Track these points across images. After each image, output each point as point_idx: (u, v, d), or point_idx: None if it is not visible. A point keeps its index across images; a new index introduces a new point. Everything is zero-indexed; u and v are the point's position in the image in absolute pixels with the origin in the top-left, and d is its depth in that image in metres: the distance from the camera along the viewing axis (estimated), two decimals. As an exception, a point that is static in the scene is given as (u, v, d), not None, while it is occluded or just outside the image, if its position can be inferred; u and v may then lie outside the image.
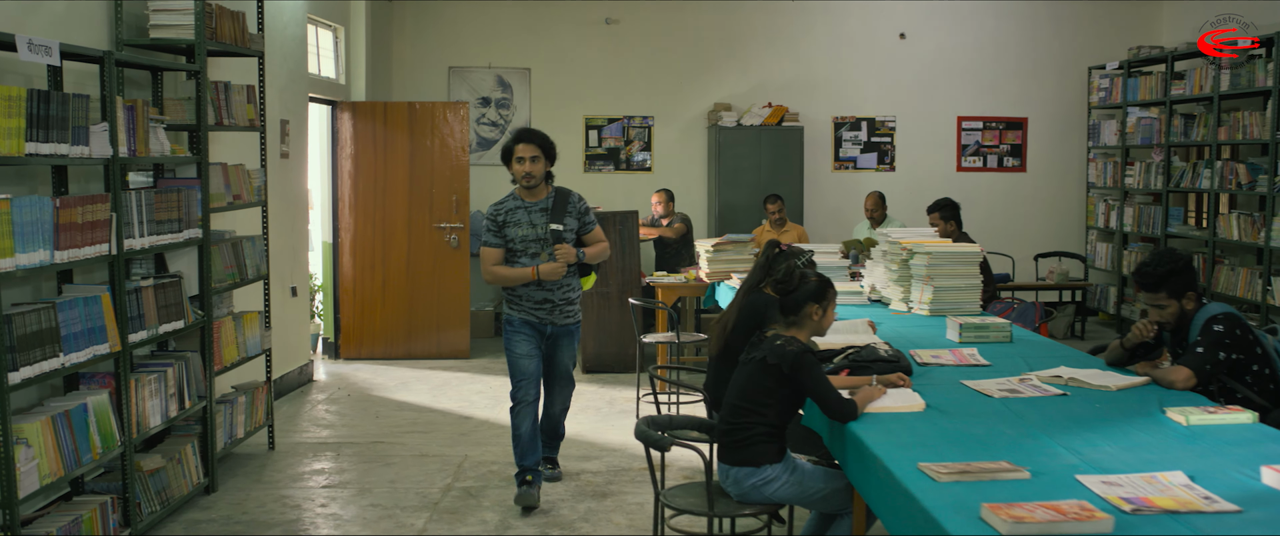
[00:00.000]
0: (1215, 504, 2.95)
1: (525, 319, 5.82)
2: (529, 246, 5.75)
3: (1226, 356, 4.54)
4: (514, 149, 5.76)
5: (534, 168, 5.73)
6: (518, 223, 5.76)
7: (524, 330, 5.82)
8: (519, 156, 5.73)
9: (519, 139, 5.78)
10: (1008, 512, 2.79)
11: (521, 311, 5.82)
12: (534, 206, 5.79)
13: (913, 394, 4.18)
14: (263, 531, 5.47)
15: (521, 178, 5.73)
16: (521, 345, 5.82)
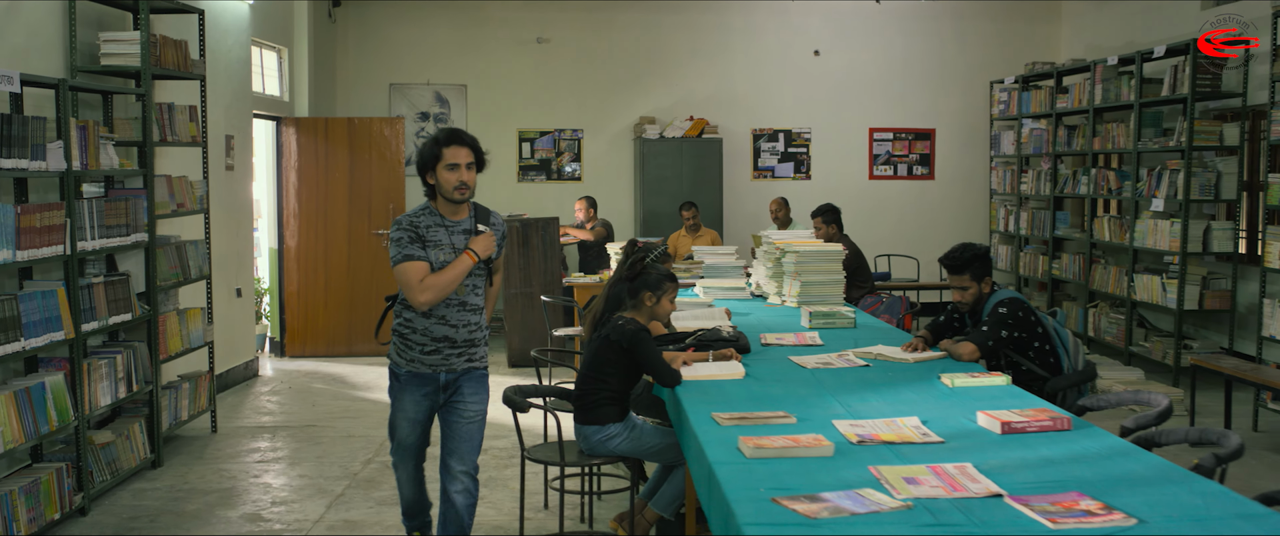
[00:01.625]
0: (928, 437, 3.80)
1: (413, 371, 4.70)
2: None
3: (1009, 334, 5.41)
4: (442, 153, 4.55)
5: (469, 176, 4.58)
6: (437, 243, 4.59)
7: (411, 387, 4.72)
8: (450, 163, 4.54)
9: (449, 140, 4.58)
10: (755, 442, 3.63)
11: (409, 359, 4.69)
12: (455, 226, 4.65)
13: (736, 364, 5.01)
14: (201, 497, 6.24)
15: (454, 189, 4.55)
16: (406, 407, 4.77)
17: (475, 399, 4.76)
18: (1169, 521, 2.90)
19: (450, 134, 4.64)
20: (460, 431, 4.73)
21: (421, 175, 4.67)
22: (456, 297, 4.66)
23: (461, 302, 4.67)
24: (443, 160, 4.57)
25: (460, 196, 4.58)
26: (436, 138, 4.63)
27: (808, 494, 3.11)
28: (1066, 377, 5.39)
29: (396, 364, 4.76)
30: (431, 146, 4.62)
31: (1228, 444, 3.94)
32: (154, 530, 5.68)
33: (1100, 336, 10.60)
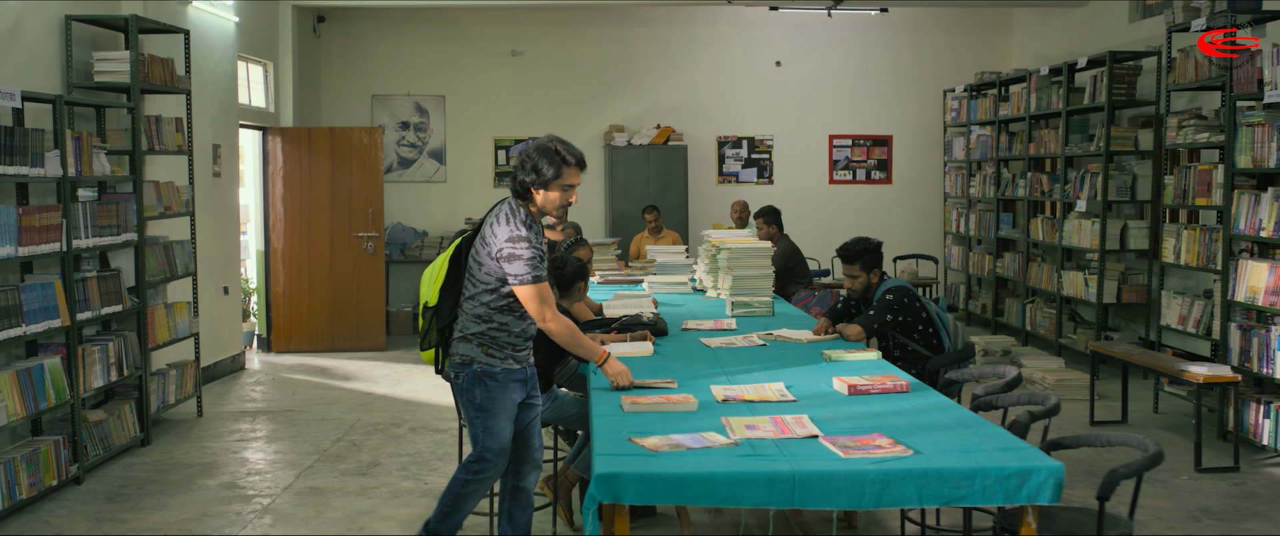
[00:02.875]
0: (784, 397, 4.50)
1: (508, 368, 4.58)
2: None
3: (893, 318, 6.12)
4: (563, 172, 4.39)
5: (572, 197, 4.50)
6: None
7: (507, 382, 4.57)
8: (569, 183, 4.44)
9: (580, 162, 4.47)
10: (632, 401, 4.34)
11: (503, 357, 4.56)
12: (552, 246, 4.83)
13: (647, 344, 5.72)
14: (184, 469, 6.96)
15: (556, 209, 4.48)
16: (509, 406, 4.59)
17: (536, 395, 4.76)
18: (941, 453, 3.61)
19: (580, 156, 4.44)
20: (534, 427, 4.77)
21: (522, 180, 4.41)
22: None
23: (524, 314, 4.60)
24: (562, 179, 4.38)
25: (558, 214, 4.49)
26: (563, 155, 4.38)
27: (659, 434, 3.82)
28: (946, 356, 6.10)
29: (488, 365, 4.50)
30: (557, 162, 4.35)
31: (1046, 403, 4.65)
32: (141, 496, 6.39)
33: (1036, 330, 11.30)
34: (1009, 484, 3.43)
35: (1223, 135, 7.72)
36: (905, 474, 3.44)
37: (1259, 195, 7.17)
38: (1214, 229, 7.83)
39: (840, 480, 3.42)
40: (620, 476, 3.42)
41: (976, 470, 3.44)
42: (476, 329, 4.51)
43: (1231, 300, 7.43)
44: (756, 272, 7.90)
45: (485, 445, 4.55)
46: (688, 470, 3.46)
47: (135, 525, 5.87)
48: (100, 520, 5.95)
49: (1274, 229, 7.00)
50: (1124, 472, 3.74)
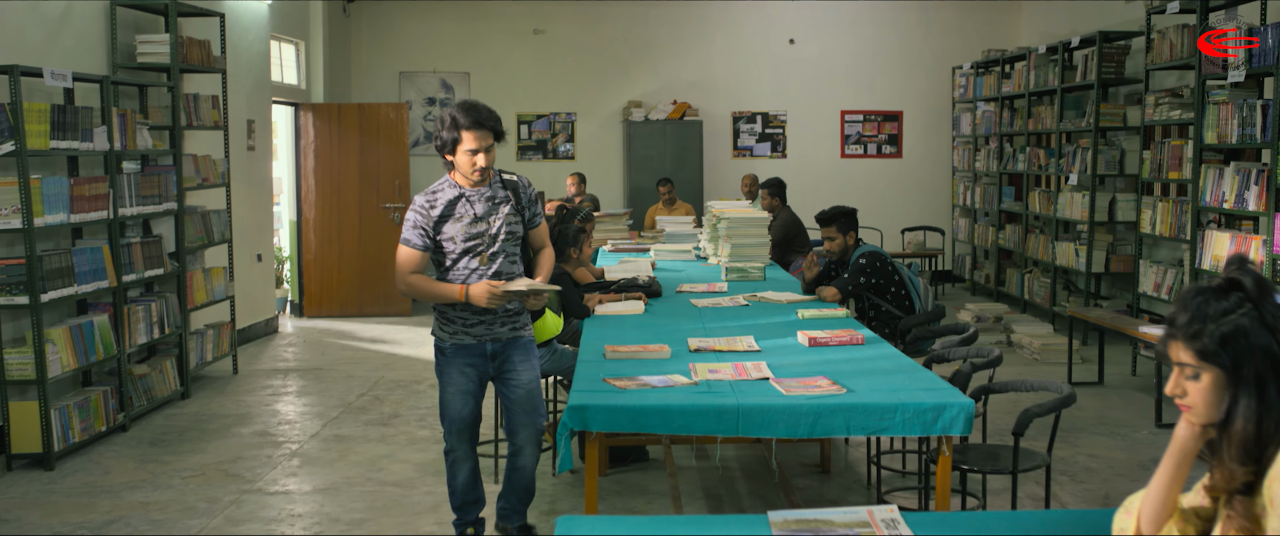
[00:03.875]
0: (750, 348, 5.04)
1: (457, 343, 4.64)
2: (473, 243, 4.56)
3: (867, 280, 6.65)
4: (460, 137, 4.41)
5: (489, 159, 4.49)
6: (458, 216, 4.53)
7: (458, 359, 4.64)
8: (471, 148, 4.42)
9: (470, 123, 4.40)
10: (613, 348, 4.90)
11: (451, 333, 4.64)
12: (477, 196, 4.56)
13: (638, 303, 6.28)
14: (221, 420, 7.59)
15: (473, 172, 4.47)
16: (454, 380, 4.66)
17: (525, 367, 4.72)
18: (871, 392, 4.14)
19: (470, 116, 4.39)
20: (519, 402, 4.72)
21: (441, 154, 4.54)
22: (492, 269, 4.60)
23: (497, 273, 4.59)
24: (462, 143, 4.42)
25: (478, 179, 4.51)
26: (455, 119, 4.40)
27: (629, 376, 4.38)
28: (917, 316, 6.62)
29: (440, 339, 4.67)
30: (450, 129, 4.41)
31: (989, 355, 5.18)
32: (181, 441, 7.02)
33: (1032, 298, 11.77)
34: (926, 417, 3.96)
35: (1192, 113, 8.16)
36: (836, 408, 3.98)
37: (1223, 169, 7.63)
38: (1184, 201, 8.28)
39: (778, 412, 3.97)
40: (589, 407, 3.98)
41: (898, 405, 3.98)
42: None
43: (1198, 268, 7.90)
44: (753, 241, 8.41)
45: (441, 417, 4.80)
46: (648, 403, 4.02)
47: (176, 466, 6.48)
48: (145, 461, 6.57)
49: (1235, 201, 7.46)
50: (1037, 411, 4.27)
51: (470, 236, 4.56)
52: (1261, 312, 2.26)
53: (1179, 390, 2.35)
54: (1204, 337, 2.27)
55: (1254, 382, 2.24)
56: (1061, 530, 2.74)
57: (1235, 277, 2.30)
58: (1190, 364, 2.31)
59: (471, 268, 4.59)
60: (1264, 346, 2.24)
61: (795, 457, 6.46)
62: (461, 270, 4.60)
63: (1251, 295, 2.28)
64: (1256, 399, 2.24)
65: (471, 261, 4.60)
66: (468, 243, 4.57)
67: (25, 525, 5.47)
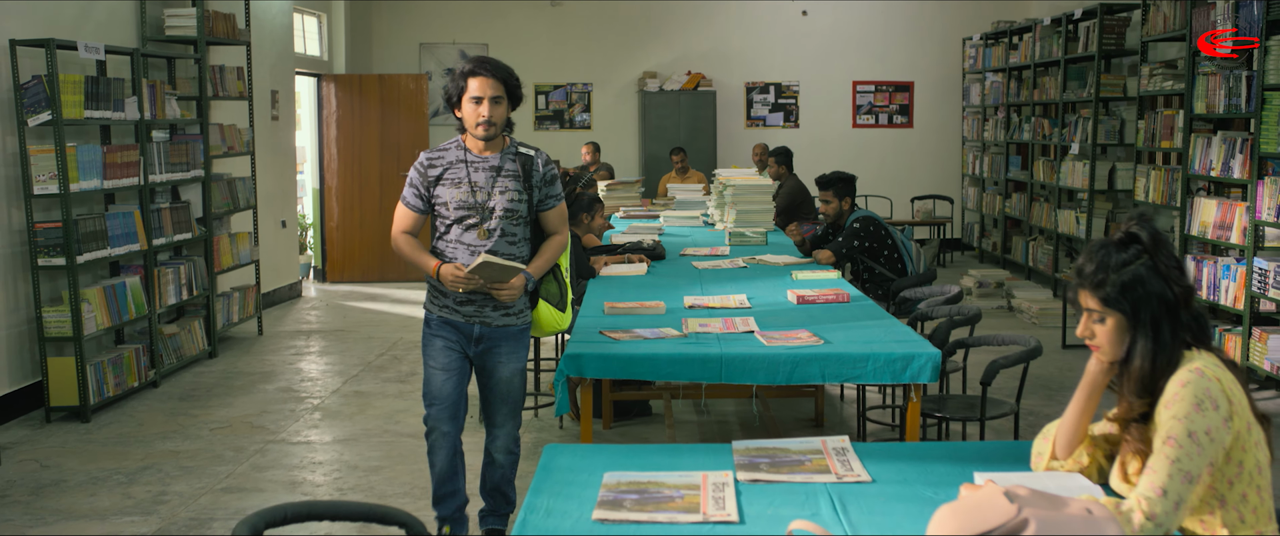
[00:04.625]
0: (742, 305, 5.36)
1: (444, 317, 4.36)
2: (465, 214, 4.24)
3: (860, 244, 6.96)
4: (466, 84, 4.16)
5: (495, 112, 4.16)
6: (455, 181, 4.23)
7: (442, 333, 4.36)
8: (475, 95, 4.14)
9: (475, 70, 4.16)
10: (611, 304, 5.24)
11: (439, 307, 4.37)
12: (481, 163, 4.24)
13: (641, 265, 6.60)
14: (246, 377, 7.96)
15: (476, 126, 4.17)
16: (436, 354, 4.37)
17: (512, 358, 4.38)
18: (847, 343, 4.46)
19: (478, 63, 4.17)
20: (499, 392, 4.42)
21: (450, 109, 4.28)
22: (487, 247, 4.24)
23: (493, 252, 4.22)
24: (467, 92, 4.16)
25: (485, 134, 4.17)
26: (463, 67, 4.19)
27: (624, 329, 4.71)
28: (909, 278, 6.92)
29: (429, 310, 4.41)
30: (458, 77, 4.18)
31: (967, 312, 5.49)
32: (210, 396, 7.40)
33: (1036, 266, 12.04)
34: (895, 366, 4.28)
35: (1183, 84, 8.41)
36: (812, 357, 4.31)
37: (1211, 138, 7.88)
38: (1175, 169, 8.55)
39: (759, 361, 4.30)
40: (583, 355, 4.32)
41: (869, 355, 4.30)
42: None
43: (1187, 234, 8.17)
44: (758, 207, 8.73)
45: (424, 394, 4.48)
46: (638, 352, 4.35)
47: (205, 418, 6.86)
48: (175, 414, 6.95)
49: (1222, 169, 7.72)
50: (1003, 363, 4.58)
51: (463, 205, 4.22)
52: (1156, 263, 2.57)
53: (1088, 332, 2.67)
54: (1107, 286, 2.59)
55: (1150, 325, 2.56)
56: (990, 457, 3.05)
57: (1134, 232, 2.61)
58: (1096, 309, 2.62)
59: (464, 241, 4.26)
60: (1158, 293, 2.56)
61: (792, 413, 6.79)
62: (453, 242, 4.28)
63: (1148, 248, 2.59)
64: (1152, 340, 2.56)
65: (465, 233, 4.25)
66: (459, 212, 4.22)
67: (65, 470, 5.85)
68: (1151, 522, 2.37)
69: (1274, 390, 7.40)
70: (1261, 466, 2.53)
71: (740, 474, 2.87)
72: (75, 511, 5.26)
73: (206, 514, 5.21)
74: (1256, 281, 7.24)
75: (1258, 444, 2.53)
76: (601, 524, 2.56)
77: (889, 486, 2.79)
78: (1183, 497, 2.40)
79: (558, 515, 2.61)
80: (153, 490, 5.54)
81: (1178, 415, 2.45)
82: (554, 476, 2.88)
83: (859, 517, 2.59)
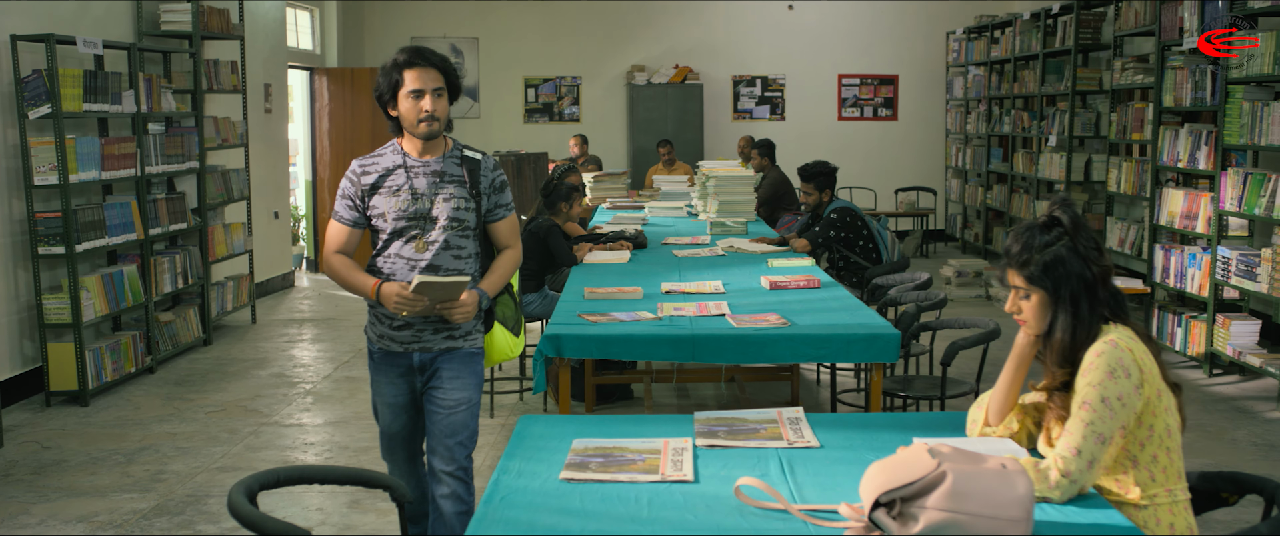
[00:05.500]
0: (717, 290, 5.59)
1: (384, 348, 3.86)
2: (406, 225, 3.74)
3: (836, 234, 7.19)
4: (402, 77, 3.65)
5: (438, 105, 3.66)
6: (393, 188, 3.72)
7: (384, 366, 3.88)
8: (413, 89, 3.64)
9: (411, 60, 3.65)
10: (591, 290, 5.46)
11: (378, 334, 3.87)
12: (421, 167, 3.75)
13: (624, 252, 6.83)
14: (240, 363, 8.18)
15: (418, 123, 3.65)
16: (381, 389, 3.93)
17: (457, 385, 3.81)
18: (812, 324, 4.69)
19: (413, 53, 3.66)
20: (440, 424, 3.81)
21: (383, 107, 3.75)
22: (427, 260, 3.74)
23: (432, 267, 3.74)
24: (403, 86, 3.64)
25: (427, 131, 3.65)
26: (395, 60, 3.67)
27: (602, 312, 4.94)
28: (883, 266, 7.15)
29: (370, 340, 3.93)
30: (391, 70, 3.66)
31: (934, 298, 5.72)
32: (204, 382, 7.62)
33: (1015, 255, 12.25)
34: (858, 346, 4.52)
35: (1152, 77, 8.64)
36: (779, 338, 4.54)
37: (1178, 130, 8.12)
38: (1145, 161, 8.78)
39: (729, 341, 4.53)
40: (562, 336, 4.54)
41: (833, 335, 4.53)
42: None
43: (1156, 224, 8.41)
44: (739, 197, 8.92)
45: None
46: (614, 333, 4.58)
47: (200, 402, 7.08)
48: (171, 399, 7.17)
49: (1188, 160, 7.96)
50: (962, 344, 4.81)
51: (403, 215, 3.71)
52: (1076, 245, 2.81)
53: (1015, 308, 2.90)
54: (1031, 265, 2.82)
55: (1069, 301, 2.79)
56: (931, 425, 3.28)
57: (1057, 216, 2.84)
58: (1021, 286, 2.86)
59: (405, 255, 3.76)
60: (1078, 272, 2.79)
61: (768, 396, 7.01)
62: (392, 257, 3.79)
63: (1069, 230, 2.82)
64: (1071, 314, 2.79)
65: (404, 247, 3.76)
66: (399, 223, 3.72)
67: (65, 451, 6.07)
68: (1067, 479, 2.60)
69: (1238, 375, 7.64)
70: (1171, 429, 2.76)
71: (699, 441, 3.10)
72: (76, 489, 5.48)
73: (203, 491, 5.44)
74: (1220, 269, 7.48)
75: (1168, 409, 2.76)
76: (567, 483, 2.79)
77: (835, 451, 3.02)
78: (1096, 457, 2.63)
79: (527, 475, 2.84)
80: (151, 469, 5.76)
81: (1093, 382, 2.68)
82: (527, 443, 3.11)
83: (804, 477, 2.82)
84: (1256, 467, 5.61)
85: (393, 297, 3.64)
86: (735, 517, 2.55)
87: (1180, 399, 2.82)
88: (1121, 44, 9.57)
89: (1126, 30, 9.17)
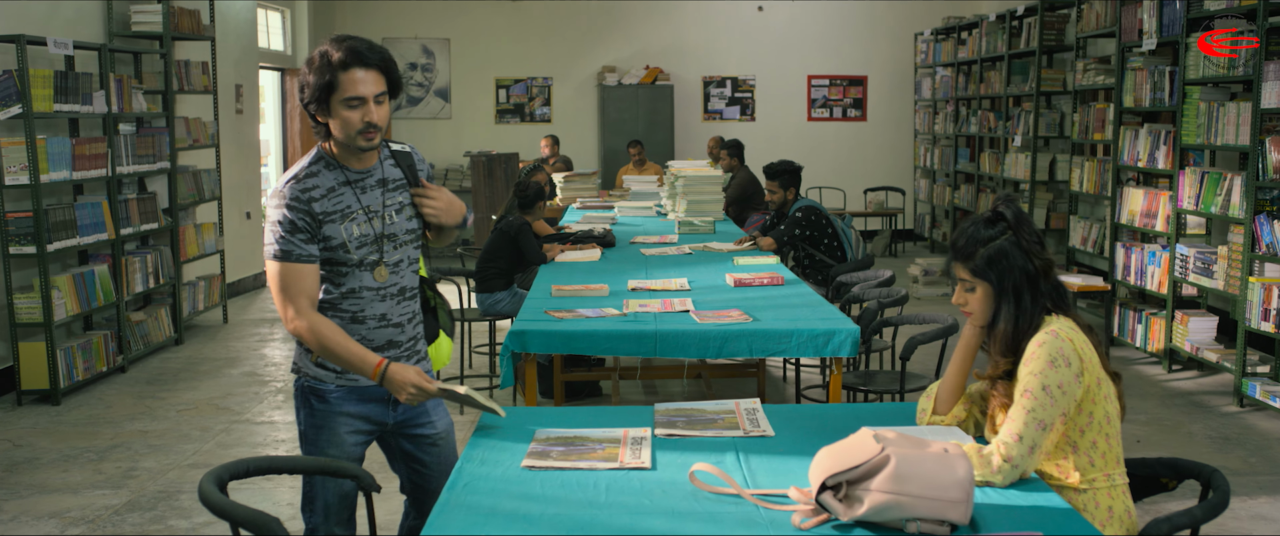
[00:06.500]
0: (682, 287, 5.68)
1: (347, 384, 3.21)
2: (366, 253, 3.15)
3: (801, 232, 7.29)
4: (339, 78, 2.98)
5: (379, 113, 3.05)
6: (346, 212, 3.11)
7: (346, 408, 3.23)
8: (351, 96, 3.00)
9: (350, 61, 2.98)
10: (558, 287, 5.55)
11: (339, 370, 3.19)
12: (364, 179, 3.17)
13: (595, 250, 6.91)
14: (212, 362, 8.23)
15: (359, 134, 3.03)
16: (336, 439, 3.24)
17: (439, 411, 3.38)
18: (774, 320, 4.79)
19: (350, 53, 2.99)
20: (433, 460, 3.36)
21: (309, 111, 3.09)
22: (395, 284, 3.22)
23: (401, 290, 3.25)
24: (340, 91, 2.99)
25: (367, 143, 3.06)
26: (328, 58, 2.99)
27: (568, 309, 5.02)
28: (848, 264, 7.26)
29: (318, 378, 3.19)
30: (324, 70, 2.99)
31: (896, 294, 5.83)
32: (176, 381, 7.66)
33: (982, 254, 12.40)
34: (818, 341, 4.62)
35: (1114, 78, 8.78)
36: (741, 333, 4.64)
37: (1138, 130, 8.26)
38: (1107, 160, 8.93)
39: (691, 337, 4.62)
40: (527, 332, 4.63)
41: (794, 331, 4.63)
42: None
43: (1117, 222, 8.55)
44: (707, 197, 9.03)
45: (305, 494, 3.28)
46: (579, 329, 4.67)
47: (172, 401, 7.13)
48: (143, 397, 7.22)
49: (1148, 160, 8.10)
50: (920, 338, 4.92)
51: (364, 242, 3.14)
52: (1019, 239, 2.91)
53: (961, 299, 3.01)
54: (976, 258, 2.93)
55: (1012, 293, 2.90)
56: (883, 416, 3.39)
57: (1001, 211, 2.95)
58: (967, 278, 2.96)
59: (369, 287, 3.17)
60: (1021, 265, 2.90)
61: (735, 392, 7.11)
62: (357, 295, 3.17)
63: (1012, 225, 2.93)
64: (1014, 305, 2.90)
65: (365, 276, 3.16)
66: (361, 251, 3.13)
67: (37, 449, 6.11)
68: (1008, 464, 2.71)
69: (1196, 370, 7.78)
70: (1110, 417, 2.87)
71: (658, 430, 3.19)
72: (48, 485, 5.53)
73: (174, 487, 5.50)
74: (1178, 266, 7.63)
75: (1107, 397, 2.87)
76: (528, 470, 2.87)
77: (788, 439, 3.12)
78: (1037, 443, 2.74)
79: (490, 463, 2.92)
80: (122, 466, 5.81)
81: (1034, 371, 2.79)
82: (491, 434, 3.19)
83: (757, 464, 2.91)
84: (1211, 460, 5.74)
85: (408, 386, 3.06)
86: (690, 502, 2.64)
87: (1119, 387, 2.93)
88: (1084, 45, 9.71)
89: (1088, 32, 9.31)
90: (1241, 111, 6.82)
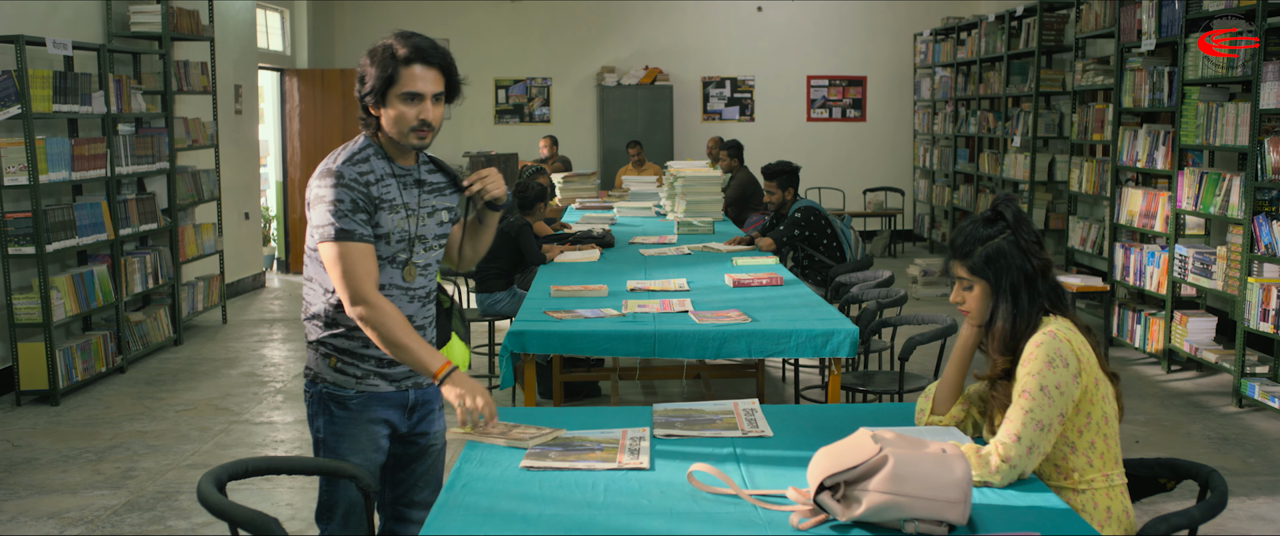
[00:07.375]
0: (681, 288, 5.68)
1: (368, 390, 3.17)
2: (399, 249, 3.13)
3: (800, 232, 7.29)
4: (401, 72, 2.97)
5: (435, 113, 3.04)
6: (390, 203, 3.10)
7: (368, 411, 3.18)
8: (412, 91, 2.99)
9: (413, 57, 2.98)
10: (557, 288, 5.55)
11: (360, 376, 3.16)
12: (407, 175, 3.16)
13: (594, 251, 6.91)
14: (211, 363, 8.23)
15: (411, 131, 3.03)
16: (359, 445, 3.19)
17: (440, 414, 3.37)
18: (774, 321, 4.79)
19: (416, 49, 2.99)
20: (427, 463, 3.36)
21: (363, 103, 3.09)
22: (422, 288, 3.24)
23: (427, 294, 3.28)
24: (399, 85, 2.99)
25: (419, 141, 3.04)
26: (393, 51, 2.99)
27: (567, 310, 5.02)
28: (847, 265, 7.26)
29: (338, 384, 3.14)
30: (387, 62, 2.98)
31: (895, 295, 5.83)
32: (175, 381, 7.66)
33: (981, 254, 12.40)
34: (817, 341, 4.62)
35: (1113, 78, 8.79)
36: (739, 334, 4.63)
37: (1137, 130, 8.27)
38: (1106, 161, 8.93)
39: (690, 337, 4.62)
40: (526, 333, 4.63)
41: (793, 331, 4.63)
42: (319, 332, 3.16)
43: (1116, 223, 8.56)
44: (707, 197, 9.02)
45: (324, 503, 3.24)
46: (577, 329, 4.67)
47: (171, 401, 7.13)
48: (142, 398, 7.22)
49: (1146, 160, 8.10)
50: (919, 339, 4.92)
51: (403, 237, 3.14)
52: (1018, 238, 2.92)
53: (959, 298, 3.01)
54: (973, 257, 2.93)
55: (1010, 292, 2.90)
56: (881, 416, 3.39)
57: (1000, 211, 2.95)
58: (965, 277, 2.96)
59: (398, 286, 3.17)
60: (1019, 265, 2.90)
61: (734, 393, 7.10)
62: (385, 293, 3.12)
63: (1010, 225, 2.93)
64: (1012, 305, 2.90)
65: (396, 274, 3.15)
66: (397, 247, 3.13)
67: (36, 450, 6.11)
68: (1006, 464, 2.71)
69: (1195, 370, 7.79)
70: (1108, 417, 2.87)
71: (657, 431, 3.19)
72: (47, 486, 5.53)
73: (173, 487, 5.50)
74: (1177, 267, 7.63)
75: (1105, 397, 2.87)
76: (527, 470, 2.87)
77: (786, 439, 3.12)
78: (1035, 443, 2.74)
79: (489, 464, 2.92)
80: (122, 467, 5.81)
81: (1032, 371, 2.79)
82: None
83: (756, 464, 2.92)
84: (1210, 460, 5.74)
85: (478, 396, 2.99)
86: (688, 502, 2.64)
87: (1117, 388, 2.93)
88: (1083, 46, 9.71)
89: (1087, 32, 9.32)
90: (1240, 112, 6.82)
